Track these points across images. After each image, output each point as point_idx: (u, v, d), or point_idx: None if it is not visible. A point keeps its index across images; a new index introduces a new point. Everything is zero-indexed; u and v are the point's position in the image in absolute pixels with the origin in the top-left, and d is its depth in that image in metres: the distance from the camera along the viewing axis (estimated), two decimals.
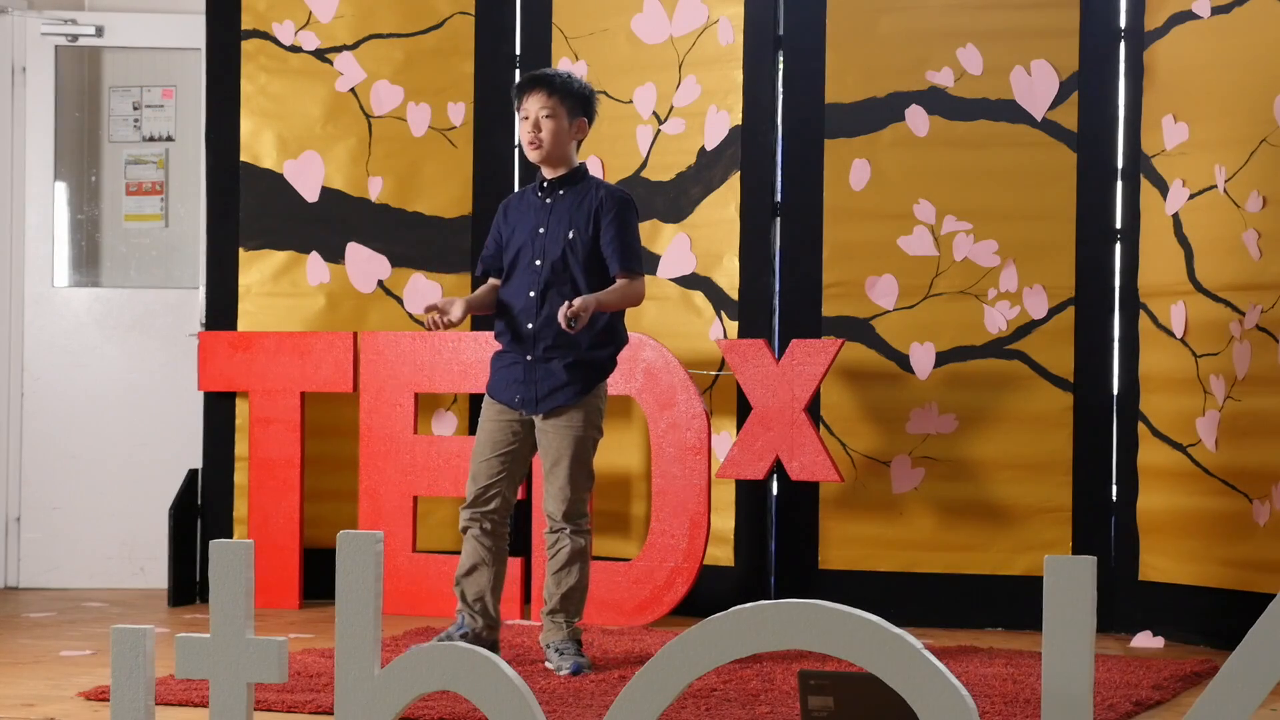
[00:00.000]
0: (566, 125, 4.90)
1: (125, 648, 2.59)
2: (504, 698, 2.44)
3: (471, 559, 4.94)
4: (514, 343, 4.93)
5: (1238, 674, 2.24)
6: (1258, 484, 5.40)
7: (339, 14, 6.48)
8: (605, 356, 4.95)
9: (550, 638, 4.93)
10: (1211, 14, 5.57)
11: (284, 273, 6.47)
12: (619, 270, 4.88)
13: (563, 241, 4.89)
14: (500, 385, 4.96)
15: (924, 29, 6.02)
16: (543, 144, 4.89)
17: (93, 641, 5.44)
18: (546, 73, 5.00)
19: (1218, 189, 5.54)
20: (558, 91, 4.88)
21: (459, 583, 4.97)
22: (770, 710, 4.24)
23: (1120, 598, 5.82)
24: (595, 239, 4.89)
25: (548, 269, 4.88)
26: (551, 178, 4.95)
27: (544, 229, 4.91)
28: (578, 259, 4.88)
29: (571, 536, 4.90)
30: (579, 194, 4.93)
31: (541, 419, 4.91)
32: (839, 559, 6.05)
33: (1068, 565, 2.28)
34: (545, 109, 4.87)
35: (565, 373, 4.87)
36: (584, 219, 4.89)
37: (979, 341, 5.98)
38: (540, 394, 4.89)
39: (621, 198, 4.97)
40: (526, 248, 4.92)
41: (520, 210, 5.00)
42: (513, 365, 4.93)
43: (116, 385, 6.85)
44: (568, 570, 4.91)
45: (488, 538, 4.93)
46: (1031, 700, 4.39)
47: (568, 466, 4.87)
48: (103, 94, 7.00)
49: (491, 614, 4.95)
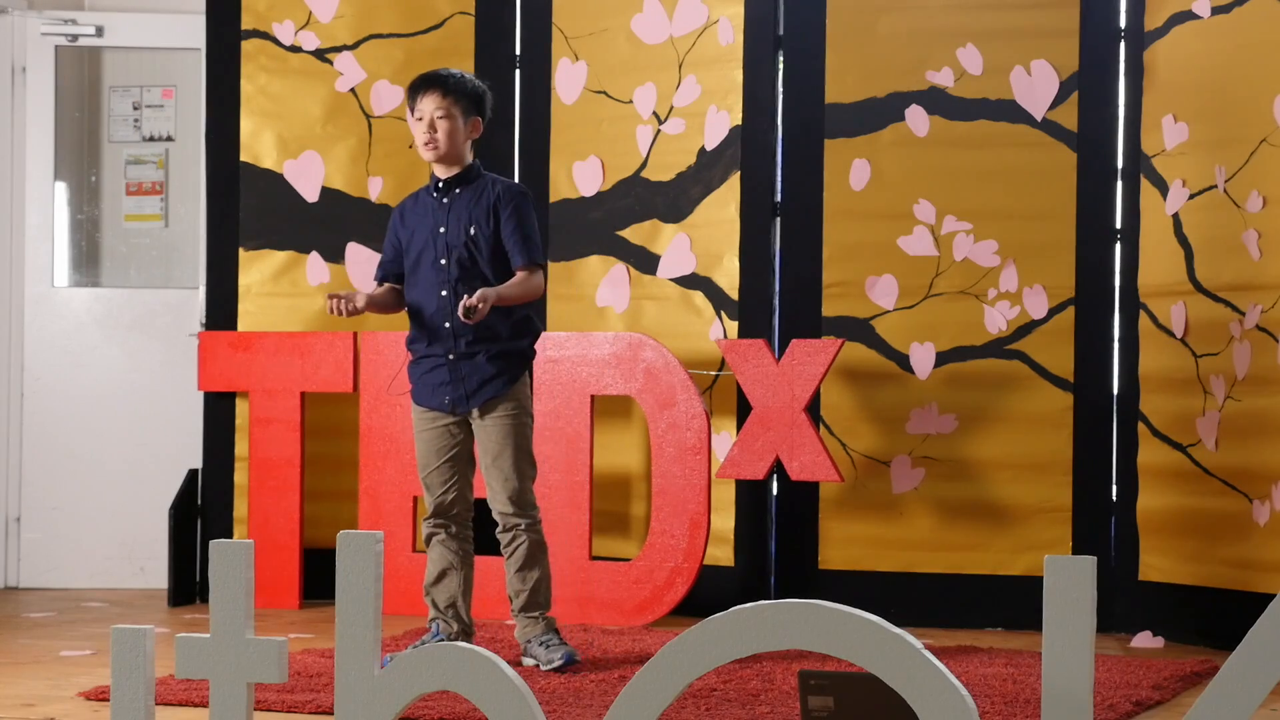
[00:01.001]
0: (461, 125, 4.90)
1: (125, 648, 2.59)
2: (504, 698, 2.44)
3: (439, 565, 4.94)
4: (432, 345, 4.92)
5: (1238, 674, 2.24)
6: (1258, 484, 5.40)
7: (339, 14, 6.48)
8: (526, 345, 4.96)
9: (529, 633, 4.93)
10: (1211, 14, 5.57)
11: (284, 273, 6.47)
12: (522, 263, 4.88)
13: (464, 238, 4.89)
14: (427, 390, 4.95)
15: (924, 29, 6.02)
16: (439, 144, 4.88)
17: (93, 641, 5.44)
18: (440, 73, 4.97)
19: (1218, 189, 5.54)
20: (452, 92, 4.88)
21: (428, 591, 4.96)
22: (770, 710, 4.24)
23: (1120, 598, 5.82)
24: (496, 233, 4.89)
25: (455, 266, 4.88)
26: (446, 177, 4.95)
27: (444, 228, 4.91)
28: (482, 254, 4.88)
29: (526, 532, 4.91)
30: (476, 191, 4.94)
31: (476, 415, 4.90)
32: (839, 559, 6.05)
33: (1068, 565, 2.28)
34: (440, 109, 4.87)
35: (491, 365, 4.88)
36: (483, 214, 4.90)
37: (979, 341, 5.98)
38: (470, 389, 4.89)
39: (519, 190, 4.98)
40: (428, 248, 4.92)
41: (416, 213, 4.98)
42: (436, 368, 4.92)
43: (116, 385, 6.85)
44: (529, 567, 4.92)
45: (454, 541, 4.94)
46: (1031, 700, 4.39)
47: (511, 457, 4.87)
48: (103, 94, 7.00)
49: (465, 619, 4.96)
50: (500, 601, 6.02)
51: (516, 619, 4.97)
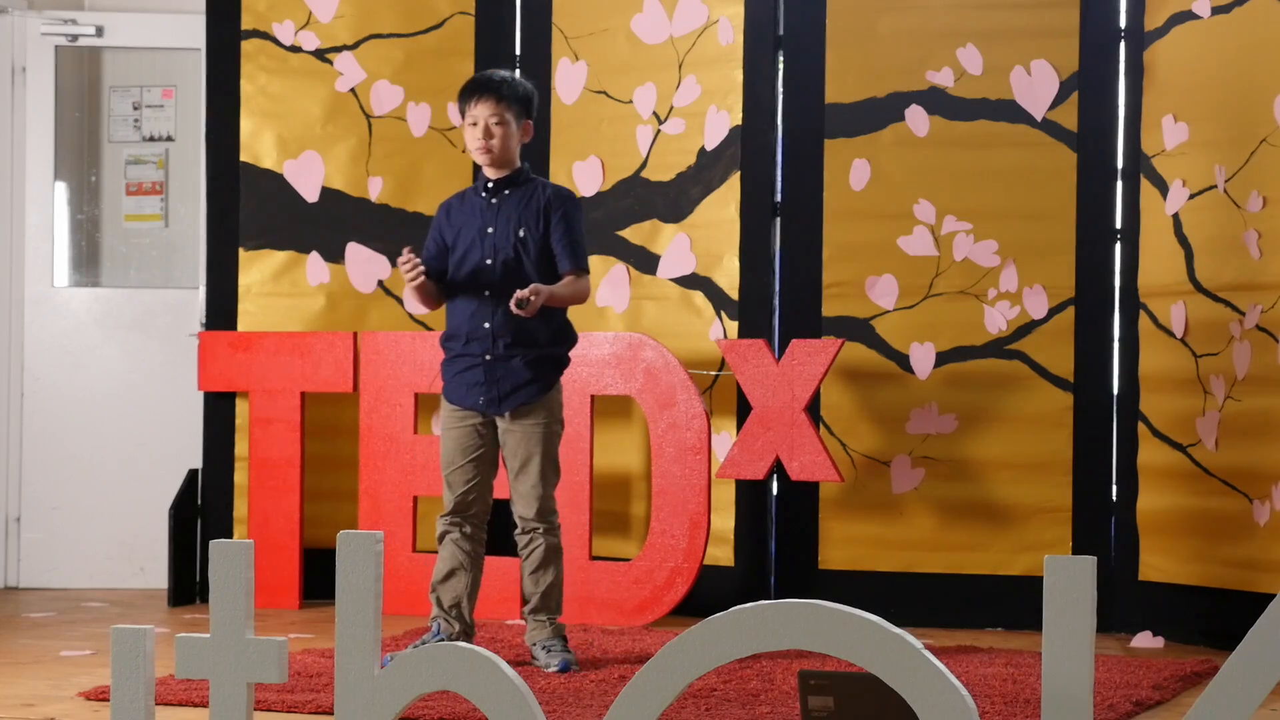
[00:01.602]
0: (514, 129, 4.94)
1: (125, 648, 2.59)
2: (504, 698, 2.44)
3: (449, 564, 4.95)
4: (469, 344, 4.93)
5: (1238, 674, 2.24)
6: (1258, 484, 5.40)
7: (339, 14, 6.48)
8: (562, 352, 4.99)
9: (536, 636, 4.96)
10: (1211, 14, 5.57)
11: (284, 273, 6.47)
12: (569, 268, 4.91)
13: (513, 239, 4.91)
14: (460, 389, 4.96)
15: (924, 29, 6.02)
16: (494, 150, 4.92)
17: (93, 641, 5.44)
18: (493, 79, 5.00)
19: (1218, 189, 5.54)
20: (505, 98, 4.92)
21: (435, 589, 4.97)
22: (770, 710, 4.24)
23: (1120, 598, 5.82)
24: (545, 236, 4.92)
25: (500, 267, 4.90)
26: (496, 178, 4.97)
27: (492, 229, 4.93)
28: (529, 256, 4.90)
29: (545, 535, 4.94)
30: (525, 193, 4.96)
31: (507, 419, 4.92)
32: (839, 559, 6.05)
33: (1068, 565, 2.28)
34: (494, 115, 4.90)
35: (527, 370, 4.90)
36: (533, 217, 4.92)
37: (979, 341, 5.98)
38: (503, 392, 4.91)
39: (569, 196, 5.01)
40: (475, 248, 4.94)
41: (463, 212, 5.00)
42: (471, 368, 4.93)
43: (116, 385, 6.85)
44: (544, 569, 4.95)
45: (467, 542, 4.95)
46: (1031, 700, 4.39)
47: (539, 464, 4.90)
48: (103, 94, 7.00)
49: (467, 620, 4.96)
50: (501, 601, 6.02)
51: (526, 620, 5.01)
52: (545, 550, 4.94)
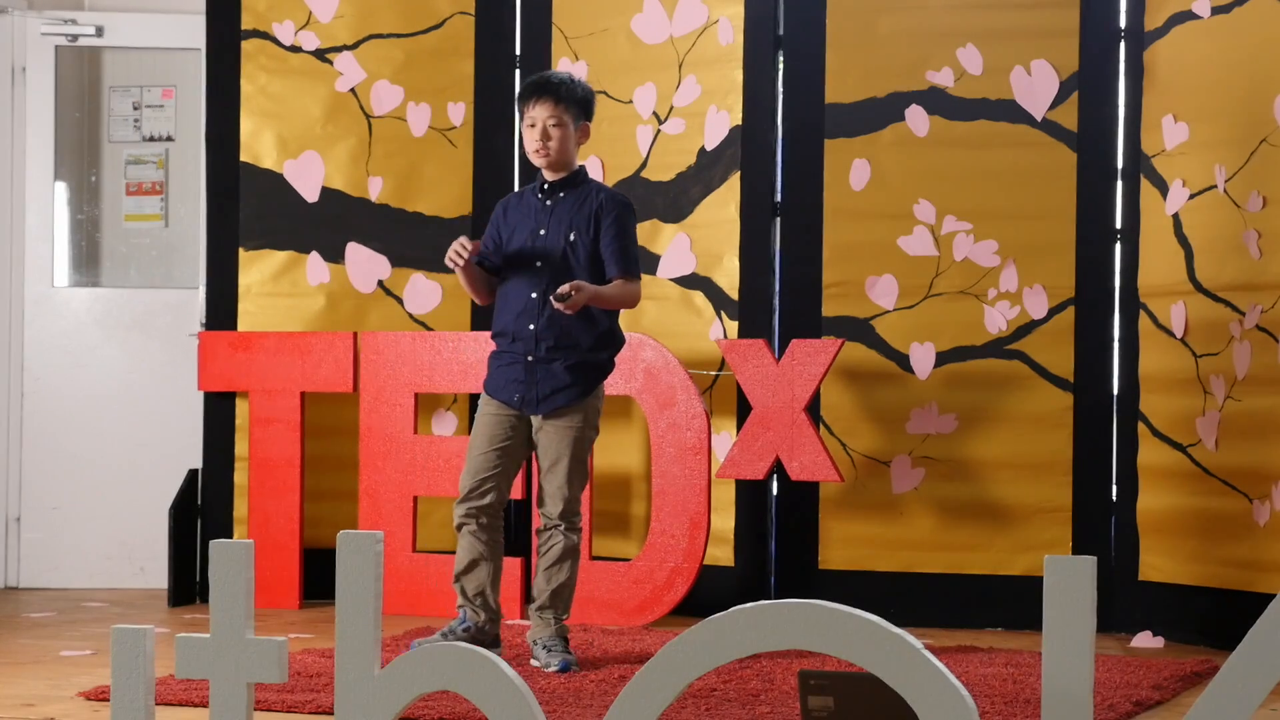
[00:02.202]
0: (573, 131, 4.96)
1: (125, 648, 2.59)
2: (504, 698, 2.44)
3: (469, 555, 4.97)
4: (514, 342, 4.96)
5: (1238, 674, 2.23)
6: (1258, 484, 5.40)
7: (339, 14, 6.48)
8: (605, 358, 5.00)
9: (539, 634, 4.97)
10: (1211, 14, 5.57)
11: (284, 273, 6.47)
12: (617, 273, 4.94)
13: (564, 243, 4.94)
14: (500, 384, 4.99)
15: (924, 29, 6.02)
16: (551, 152, 4.94)
17: (93, 641, 5.44)
18: (552, 80, 5.00)
19: (1218, 189, 5.54)
20: (564, 99, 4.93)
21: (458, 579, 4.99)
22: (770, 710, 4.24)
23: (1120, 598, 5.82)
24: (595, 241, 4.94)
25: (549, 270, 4.93)
26: (553, 180, 5.00)
27: (545, 230, 4.96)
28: (579, 260, 4.93)
29: (565, 534, 4.96)
30: (579, 196, 4.98)
31: (541, 419, 4.95)
32: (839, 559, 6.05)
33: (1068, 565, 2.28)
34: (553, 118, 4.93)
35: (567, 374, 4.92)
36: (584, 221, 4.94)
37: (979, 341, 5.98)
38: (541, 394, 4.93)
39: (622, 201, 5.02)
40: (526, 248, 4.97)
41: (520, 211, 5.03)
42: (512, 365, 4.96)
43: (116, 385, 6.85)
44: (559, 567, 4.96)
45: (484, 532, 4.96)
46: (1031, 700, 4.39)
47: (567, 466, 4.92)
48: (103, 94, 7.00)
49: (492, 607, 4.99)
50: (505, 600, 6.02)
51: (531, 616, 5.02)
52: (563, 549, 4.96)
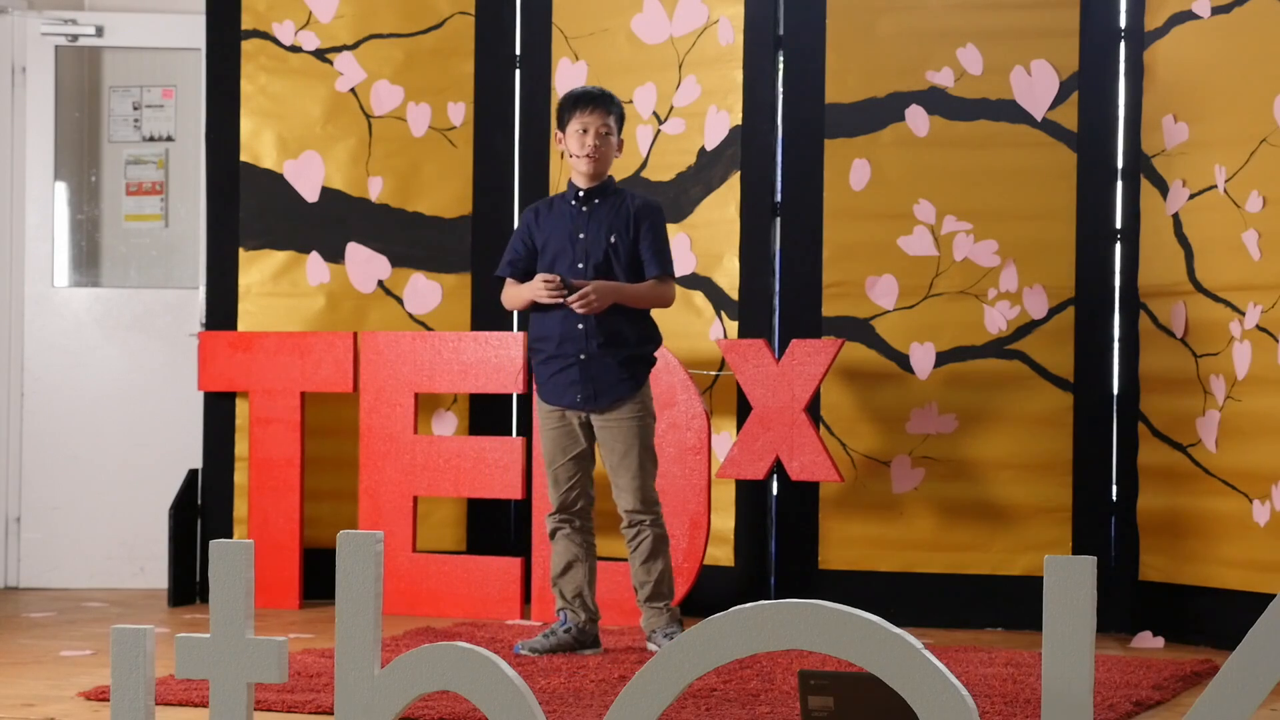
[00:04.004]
0: (615, 142, 5.24)
1: (125, 648, 2.59)
2: (504, 698, 2.44)
3: (565, 558, 5.23)
4: (563, 344, 5.17)
5: (1238, 674, 2.24)
6: (1258, 484, 5.40)
7: (339, 14, 6.48)
8: (649, 351, 5.26)
9: (655, 623, 5.23)
10: (1211, 14, 5.57)
11: (284, 273, 6.47)
12: (656, 272, 5.21)
13: (605, 245, 5.19)
14: (557, 390, 5.21)
15: (924, 29, 6.01)
16: (600, 159, 5.20)
17: (93, 641, 5.44)
18: (604, 92, 5.31)
19: (1218, 189, 5.54)
20: (612, 112, 5.25)
21: (556, 583, 5.25)
22: (770, 710, 4.25)
23: (1120, 598, 5.82)
24: (634, 243, 5.19)
25: (592, 271, 5.18)
26: (589, 187, 5.23)
27: (584, 234, 5.20)
28: (620, 261, 5.19)
29: (651, 526, 5.22)
30: (615, 202, 5.24)
31: (602, 415, 5.17)
32: (839, 559, 6.05)
33: (1068, 565, 2.28)
34: (604, 127, 5.22)
35: (621, 368, 5.18)
36: (624, 224, 5.20)
37: (979, 341, 5.98)
38: (600, 389, 5.17)
39: (656, 205, 5.32)
40: (566, 252, 5.20)
41: (553, 217, 5.27)
42: (567, 368, 5.18)
43: (116, 385, 6.85)
44: (654, 559, 5.22)
45: (578, 534, 5.24)
46: (1031, 700, 4.39)
47: (637, 455, 5.18)
48: (103, 94, 7.00)
49: (590, 607, 5.23)
50: (501, 601, 6.03)
51: (642, 608, 5.26)
52: (654, 540, 5.21)
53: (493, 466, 6.08)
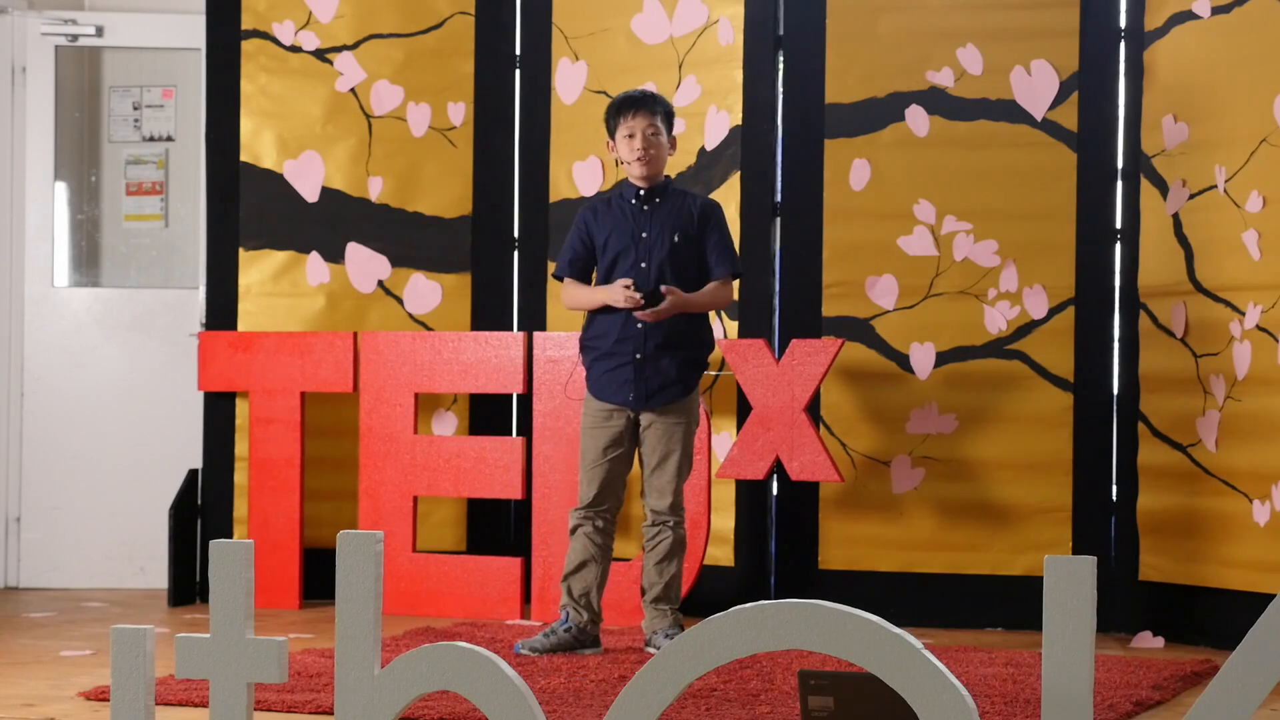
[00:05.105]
0: (665, 141, 5.27)
1: (125, 648, 2.59)
2: (504, 698, 2.44)
3: (581, 556, 5.25)
4: (619, 343, 5.20)
5: (1238, 674, 2.24)
6: (1258, 484, 5.40)
7: (339, 14, 6.48)
8: (705, 355, 5.31)
9: (658, 624, 5.24)
10: (1211, 14, 5.57)
11: (284, 273, 6.47)
12: (725, 272, 5.26)
13: (669, 244, 5.22)
14: (610, 387, 5.24)
15: (924, 29, 6.01)
16: (652, 160, 5.23)
17: (93, 641, 5.44)
18: (651, 95, 5.34)
19: (1218, 189, 5.54)
20: (659, 113, 5.28)
21: (566, 579, 5.26)
22: (770, 710, 4.25)
23: (1120, 598, 5.82)
24: (699, 240, 5.23)
25: (655, 270, 5.21)
26: (647, 187, 5.27)
27: (646, 233, 5.24)
28: (682, 259, 5.22)
29: (673, 529, 5.27)
30: (676, 201, 5.29)
31: (649, 415, 5.21)
32: (839, 559, 6.05)
33: (1068, 565, 2.28)
34: (651, 128, 5.25)
35: (676, 370, 5.22)
36: (688, 223, 5.26)
37: (979, 341, 5.98)
38: (651, 390, 5.21)
39: (719, 206, 5.38)
40: (628, 251, 5.23)
41: (612, 217, 5.29)
42: (621, 366, 5.22)
43: (116, 385, 6.85)
44: (669, 561, 5.25)
45: (599, 535, 5.25)
46: (1031, 700, 4.39)
47: (677, 459, 5.23)
48: (103, 94, 7.00)
49: (595, 609, 5.25)
50: (501, 601, 6.03)
51: (646, 609, 5.28)
52: (672, 543, 5.26)
53: (493, 466, 6.08)
